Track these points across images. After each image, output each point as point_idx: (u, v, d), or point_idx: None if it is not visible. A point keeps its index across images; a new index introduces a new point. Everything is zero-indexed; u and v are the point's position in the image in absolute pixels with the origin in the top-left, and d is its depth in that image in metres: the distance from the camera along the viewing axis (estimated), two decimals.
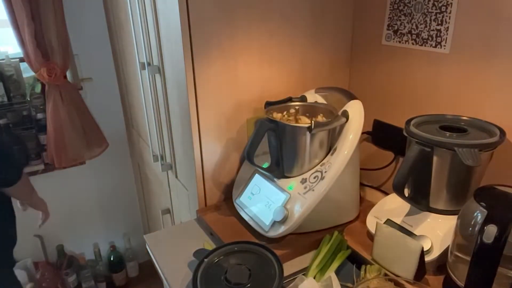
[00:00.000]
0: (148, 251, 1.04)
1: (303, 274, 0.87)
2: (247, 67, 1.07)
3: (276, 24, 1.07)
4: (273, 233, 0.94)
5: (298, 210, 0.92)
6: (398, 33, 1.07)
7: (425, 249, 0.81)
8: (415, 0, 1.01)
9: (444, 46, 0.96)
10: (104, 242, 2.30)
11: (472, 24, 0.90)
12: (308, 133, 0.94)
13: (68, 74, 1.82)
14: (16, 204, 1.43)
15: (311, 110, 1.07)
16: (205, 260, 0.86)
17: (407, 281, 0.78)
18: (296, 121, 1.04)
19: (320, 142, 0.97)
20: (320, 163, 0.98)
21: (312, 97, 1.10)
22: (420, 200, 0.90)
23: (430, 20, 0.98)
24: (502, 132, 0.84)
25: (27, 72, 1.76)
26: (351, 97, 1.01)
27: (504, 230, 0.63)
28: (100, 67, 1.93)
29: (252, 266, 0.84)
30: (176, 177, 1.35)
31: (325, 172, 0.93)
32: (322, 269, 0.86)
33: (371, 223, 0.95)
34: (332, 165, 0.93)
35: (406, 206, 0.92)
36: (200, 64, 0.99)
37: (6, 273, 1.40)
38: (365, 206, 1.08)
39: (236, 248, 0.89)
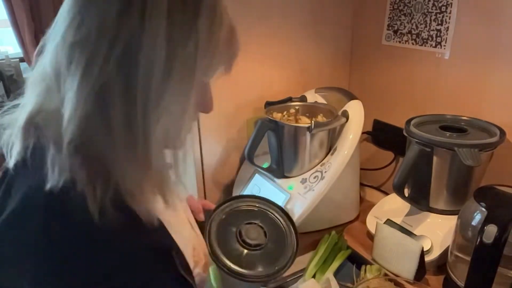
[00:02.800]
0: None
1: (301, 274, 0.87)
2: (247, 67, 1.06)
3: (276, 24, 1.07)
4: None
5: (298, 210, 0.92)
6: (398, 33, 1.07)
7: (425, 249, 0.81)
8: (415, 0, 1.01)
9: (444, 46, 0.96)
10: None
11: (472, 24, 0.90)
12: (308, 133, 0.94)
13: None
14: None
15: (311, 110, 1.06)
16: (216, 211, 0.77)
17: (407, 281, 0.78)
18: (296, 121, 1.03)
19: (320, 142, 0.97)
20: (320, 163, 0.98)
21: (312, 97, 1.10)
22: (420, 200, 0.90)
23: (430, 20, 0.98)
24: (502, 132, 0.84)
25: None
26: (351, 97, 1.01)
27: (504, 230, 0.63)
28: None
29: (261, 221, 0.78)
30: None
31: (325, 172, 0.93)
32: (322, 269, 0.86)
33: (371, 223, 0.95)
34: (332, 165, 0.93)
35: (406, 206, 0.92)
36: None
37: None
38: (365, 206, 1.07)
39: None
